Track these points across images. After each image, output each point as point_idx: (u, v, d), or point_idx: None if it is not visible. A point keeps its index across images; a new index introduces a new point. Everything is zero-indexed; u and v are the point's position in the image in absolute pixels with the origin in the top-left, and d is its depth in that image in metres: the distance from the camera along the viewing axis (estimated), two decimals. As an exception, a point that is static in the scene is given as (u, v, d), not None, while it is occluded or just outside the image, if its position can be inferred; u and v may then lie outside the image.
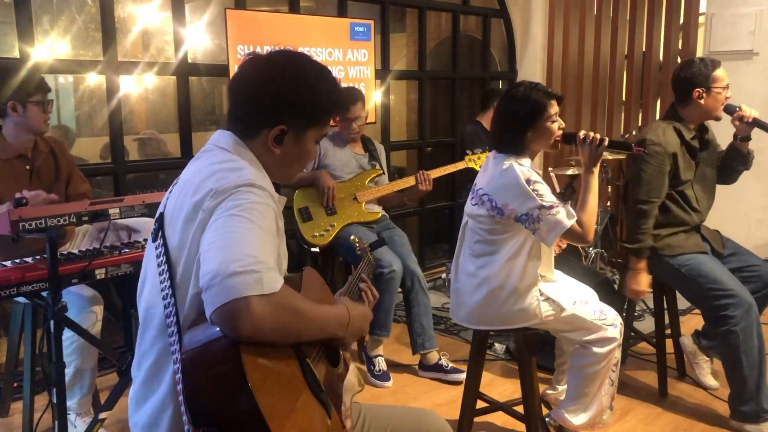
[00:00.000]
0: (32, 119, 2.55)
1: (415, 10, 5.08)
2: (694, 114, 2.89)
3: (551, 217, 2.28)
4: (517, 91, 2.43)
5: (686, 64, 2.90)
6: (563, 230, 2.29)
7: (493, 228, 2.41)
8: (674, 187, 2.89)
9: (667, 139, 2.84)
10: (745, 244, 3.14)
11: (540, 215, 2.29)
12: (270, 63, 1.48)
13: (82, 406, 2.66)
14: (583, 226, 2.33)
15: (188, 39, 3.72)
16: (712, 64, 2.84)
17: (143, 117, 5.17)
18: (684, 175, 2.88)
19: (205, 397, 1.21)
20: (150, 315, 1.43)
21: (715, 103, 2.84)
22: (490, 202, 2.39)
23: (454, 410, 2.77)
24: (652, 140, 2.82)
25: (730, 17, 4.60)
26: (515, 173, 2.33)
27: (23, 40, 3.08)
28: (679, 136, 2.87)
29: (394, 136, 5.02)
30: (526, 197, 2.30)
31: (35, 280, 2.15)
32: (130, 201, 2.36)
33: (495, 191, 2.38)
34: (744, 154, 2.97)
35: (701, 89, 2.81)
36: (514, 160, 2.38)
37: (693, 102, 2.85)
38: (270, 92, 1.44)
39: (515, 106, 2.40)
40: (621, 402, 3.05)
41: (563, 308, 2.40)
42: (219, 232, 1.25)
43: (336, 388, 1.48)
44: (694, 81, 2.82)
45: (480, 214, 2.43)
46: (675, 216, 2.90)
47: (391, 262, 3.28)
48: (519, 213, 2.32)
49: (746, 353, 2.71)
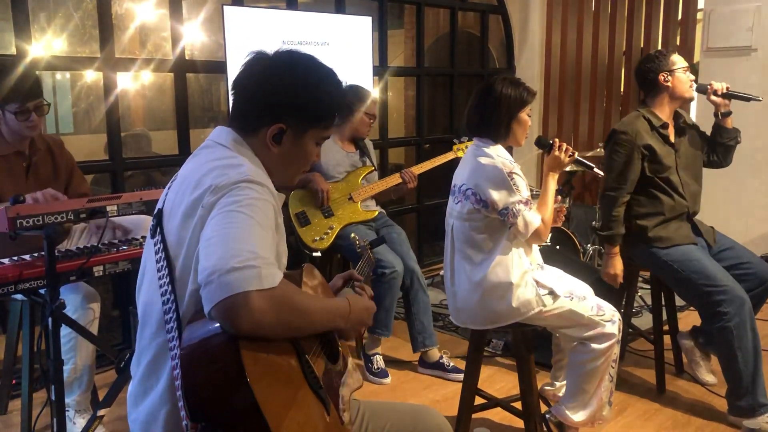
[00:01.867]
0: (11, 125, 2.52)
1: (413, 6, 5.08)
2: (665, 101, 2.98)
3: (528, 214, 2.35)
4: (504, 82, 2.46)
5: (644, 59, 3.05)
6: (534, 228, 2.36)
7: (481, 225, 2.42)
8: (658, 173, 2.93)
9: (635, 128, 2.93)
10: (743, 239, 3.15)
11: (518, 210, 2.34)
12: (273, 62, 1.48)
13: (80, 403, 2.66)
14: (546, 224, 2.42)
15: (186, 36, 3.71)
16: (668, 51, 3.00)
17: (141, 114, 5.16)
18: (666, 161, 2.93)
19: (204, 392, 1.21)
20: (149, 311, 1.43)
21: (682, 85, 2.95)
22: (474, 196, 2.40)
23: (452, 406, 2.77)
24: (619, 129, 2.94)
25: (729, 13, 4.59)
26: (498, 168, 2.37)
27: (20, 37, 3.07)
28: (649, 123, 2.96)
29: (392, 133, 5.02)
30: (508, 191, 2.34)
31: (33, 278, 2.14)
32: (128, 198, 2.35)
33: (478, 184, 2.40)
34: (731, 129, 3.05)
35: (665, 73, 2.94)
36: (494, 150, 2.43)
37: (661, 88, 2.96)
38: (270, 90, 1.44)
39: (504, 96, 2.43)
40: (619, 398, 3.05)
41: (558, 295, 2.41)
42: (218, 228, 1.25)
43: (335, 385, 1.48)
44: (656, 68, 2.95)
45: (465, 212, 2.44)
46: (662, 203, 2.94)
47: (392, 262, 3.28)
48: (500, 206, 2.35)
49: (741, 349, 2.72)
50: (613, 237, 2.95)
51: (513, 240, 2.42)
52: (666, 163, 2.93)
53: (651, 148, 2.90)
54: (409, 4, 5.23)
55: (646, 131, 2.93)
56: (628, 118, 3.01)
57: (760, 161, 4.42)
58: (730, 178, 3.39)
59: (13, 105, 2.49)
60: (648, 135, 2.92)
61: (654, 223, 2.93)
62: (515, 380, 2.59)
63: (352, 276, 1.79)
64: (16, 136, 2.57)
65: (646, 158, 2.91)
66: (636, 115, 2.99)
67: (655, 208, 2.94)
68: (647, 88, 3.02)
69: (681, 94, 2.96)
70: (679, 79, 2.94)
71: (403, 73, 5.27)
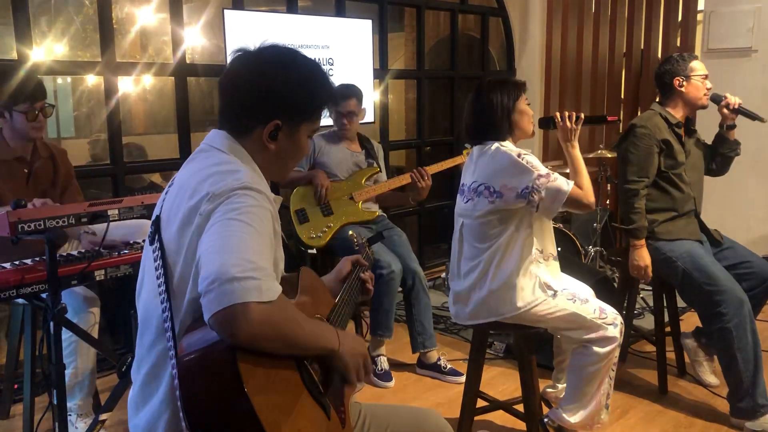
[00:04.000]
0: (18, 126, 2.54)
1: (413, 9, 5.08)
2: (679, 105, 3.02)
3: (552, 184, 2.30)
4: (491, 81, 2.49)
5: (665, 60, 3.08)
6: (565, 196, 2.31)
7: (493, 220, 2.41)
8: (672, 168, 2.97)
9: (654, 122, 2.97)
10: (744, 239, 3.16)
11: (540, 185, 2.30)
12: (260, 59, 1.47)
13: (82, 408, 2.66)
14: (583, 187, 2.38)
15: (186, 39, 3.72)
16: (689, 57, 3.02)
17: (141, 118, 5.17)
18: (679, 158, 2.98)
19: (202, 402, 1.21)
20: (148, 317, 1.42)
21: (697, 92, 2.98)
22: (487, 190, 2.40)
23: (454, 409, 2.77)
24: (638, 123, 2.97)
25: (729, 14, 4.59)
26: (505, 153, 2.37)
27: (21, 41, 3.08)
28: (666, 121, 2.99)
29: (392, 136, 5.02)
30: (522, 171, 2.32)
31: (34, 282, 2.14)
32: (129, 202, 2.35)
33: (490, 177, 2.39)
34: (732, 141, 3.10)
35: (680, 77, 2.97)
36: (498, 144, 2.42)
37: (675, 92, 2.99)
38: (262, 88, 1.44)
39: (497, 93, 2.44)
40: (621, 400, 3.05)
41: (555, 291, 2.41)
42: (217, 236, 1.25)
43: (335, 388, 1.48)
44: (673, 72, 2.98)
45: (477, 210, 2.43)
46: (673, 198, 2.97)
47: (390, 262, 3.27)
48: (520, 188, 2.32)
49: (740, 350, 2.72)
50: (637, 230, 2.94)
51: (526, 227, 2.40)
52: (679, 160, 2.98)
53: (668, 143, 2.95)
54: (409, 7, 5.24)
55: (664, 127, 2.98)
56: (646, 114, 3.05)
57: (761, 162, 4.42)
58: (730, 178, 3.39)
59: (23, 105, 2.51)
60: (665, 131, 2.97)
61: (664, 217, 2.96)
62: (517, 382, 2.58)
63: (359, 262, 1.80)
64: (21, 138, 2.58)
65: (663, 152, 2.96)
66: (653, 113, 3.03)
67: (665, 203, 2.98)
68: (663, 90, 3.05)
69: (694, 101, 2.99)
70: (694, 86, 2.97)
71: (404, 75, 5.27)
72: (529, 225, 2.42)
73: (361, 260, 1.82)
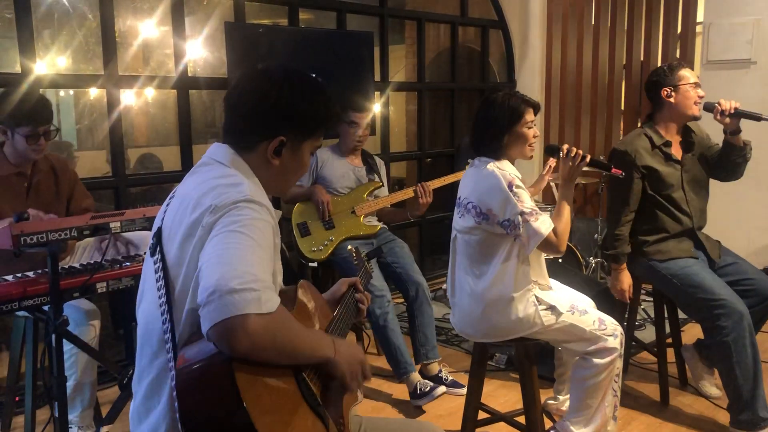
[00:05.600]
0: (19, 147, 2.54)
1: (413, 21, 5.12)
2: (669, 116, 2.94)
3: (533, 224, 2.30)
4: (496, 98, 2.47)
5: (653, 72, 3.00)
6: (541, 239, 2.30)
7: (482, 238, 2.41)
8: (659, 192, 2.91)
9: (635, 147, 2.89)
10: (745, 251, 3.14)
11: (521, 222, 2.31)
12: (266, 76, 1.49)
13: (83, 420, 2.66)
14: (558, 235, 2.35)
15: (188, 52, 3.74)
16: (677, 66, 2.94)
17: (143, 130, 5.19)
18: (668, 179, 2.90)
19: (201, 415, 1.22)
20: (149, 330, 1.43)
21: (686, 101, 2.88)
22: (475, 209, 2.40)
23: (455, 421, 2.76)
24: (619, 149, 2.92)
25: (728, 26, 4.62)
26: (498, 178, 2.35)
27: (24, 55, 3.10)
28: (651, 141, 2.92)
29: (393, 148, 5.04)
30: (507, 203, 2.32)
31: (36, 295, 2.15)
32: (131, 214, 2.36)
33: (479, 197, 2.40)
34: (740, 147, 2.93)
35: (668, 88, 2.89)
36: (494, 164, 2.41)
37: (664, 103, 2.92)
38: (268, 105, 1.46)
39: (494, 112, 2.44)
40: (623, 412, 3.04)
41: (560, 312, 2.41)
42: (218, 248, 1.26)
43: (334, 400, 1.49)
44: (660, 83, 2.91)
45: (468, 226, 2.44)
46: (663, 223, 2.93)
47: (382, 289, 3.26)
48: (501, 219, 2.34)
49: (739, 363, 2.70)
50: (617, 256, 2.94)
51: (519, 254, 2.39)
52: (668, 182, 2.90)
53: (650, 168, 2.88)
54: (410, 20, 5.27)
55: (647, 150, 2.90)
56: (629, 136, 2.99)
57: (761, 173, 4.42)
58: (731, 189, 3.38)
59: (25, 128, 2.50)
60: (648, 154, 2.90)
61: (654, 238, 2.93)
62: (518, 394, 2.58)
63: (356, 285, 1.81)
64: (21, 158, 2.58)
65: (646, 177, 2.90)
66: (638, 133, 2.97)
67: (655, 225, 2.93)
68: (653, 103, 2.98)
69: (683, 112, 2.89)
70: (683, 95, 2.87)
71: (405, 88, 5.30)
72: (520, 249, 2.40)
73: (358, 284, 1.82)
